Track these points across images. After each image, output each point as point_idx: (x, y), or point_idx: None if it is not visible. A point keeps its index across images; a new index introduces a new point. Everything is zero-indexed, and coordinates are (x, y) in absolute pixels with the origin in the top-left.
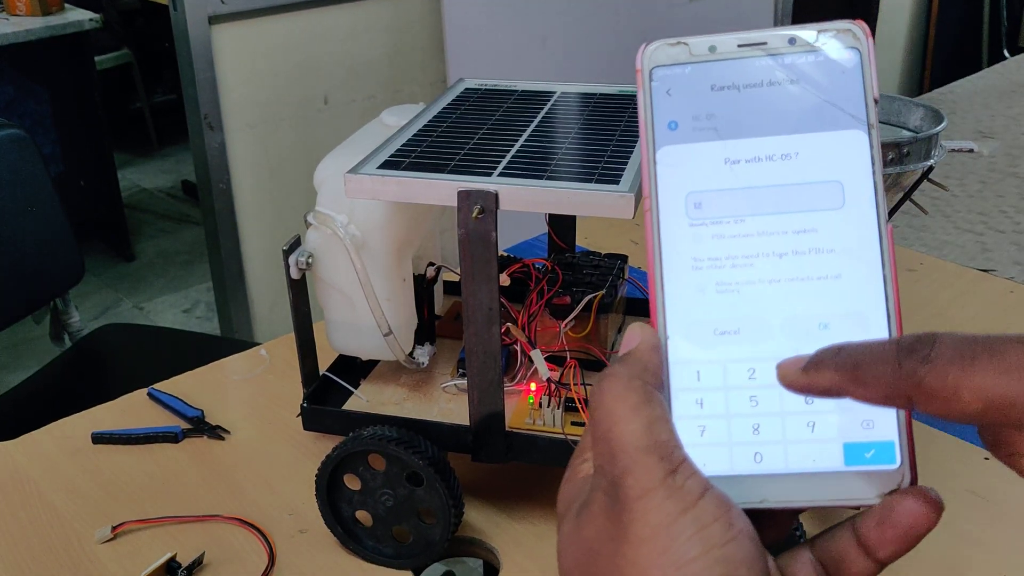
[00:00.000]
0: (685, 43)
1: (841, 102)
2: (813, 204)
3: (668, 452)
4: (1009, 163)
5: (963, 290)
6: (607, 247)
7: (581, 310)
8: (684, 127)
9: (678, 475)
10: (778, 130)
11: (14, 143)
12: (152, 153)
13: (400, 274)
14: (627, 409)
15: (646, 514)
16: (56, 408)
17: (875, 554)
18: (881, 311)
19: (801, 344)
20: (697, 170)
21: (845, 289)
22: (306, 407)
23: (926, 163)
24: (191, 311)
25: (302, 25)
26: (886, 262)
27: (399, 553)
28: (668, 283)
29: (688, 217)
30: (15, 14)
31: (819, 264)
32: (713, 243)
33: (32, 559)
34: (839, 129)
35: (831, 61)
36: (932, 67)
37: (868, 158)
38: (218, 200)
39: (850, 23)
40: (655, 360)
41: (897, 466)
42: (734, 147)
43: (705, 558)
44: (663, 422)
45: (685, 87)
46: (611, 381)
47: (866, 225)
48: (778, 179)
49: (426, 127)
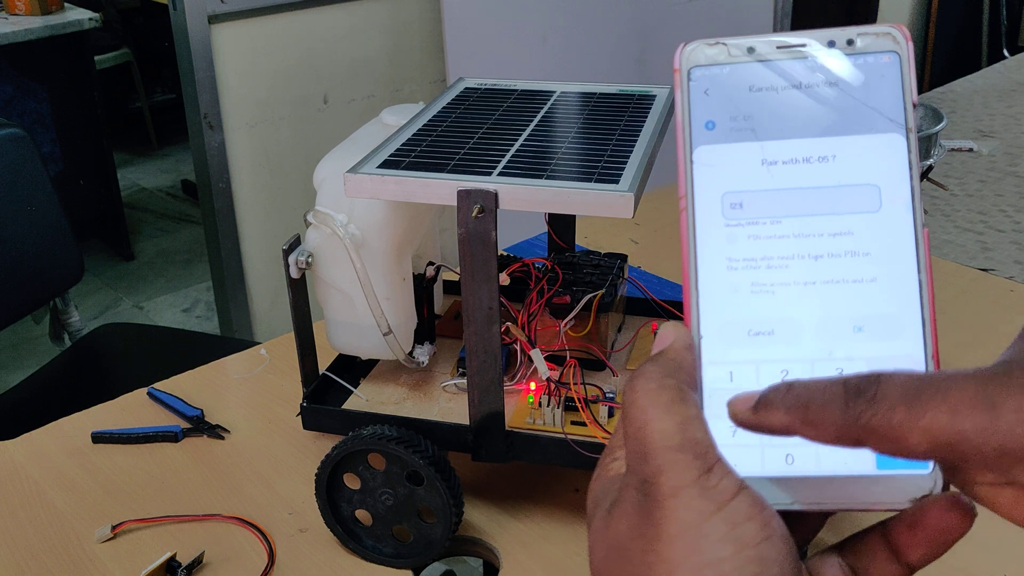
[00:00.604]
0: (724, 44)
1: (879, 105)
2: (850, 207)
3: (702, 451)
4: (1009, 162)
5: (963, 289)
6: (607, 246)
7: (581, 309)
8: (721, 127)
9: (712, 474)
10: (816, 132)
11: (13, 142)
12: (152, 152)
13: (400, 273)
14: (661, 408)
15: (678, 512)
16: (56, 408)
17: (905, 558)
18: (916, 315)
19: (835, 346)
20: (734, 170)
21: (880, 292)
22: (306, 406)
23: (926, 162)
24: (191, 310)
25: (302, 24)
26: (922, 266)
27: (399, 552)
28: (703, 283)
29: (724, 217)
30: (15, 13)
31: (854, 267)
32: (748, 244)
33: (32, 558)
34: (877, 132)
35: (870, 64)
36: (932, 66)
37: (906, 162)
38: (218, 199)
39: (890, 27)
40: (689, 359)
41: (929, 471)
42: (771, 148)
43: (737, 557)
44: (697, 421)
45: (723, 87)
46: (644, 380)
47: (902, 229)
48: (815, 181)
49: (426, 126)
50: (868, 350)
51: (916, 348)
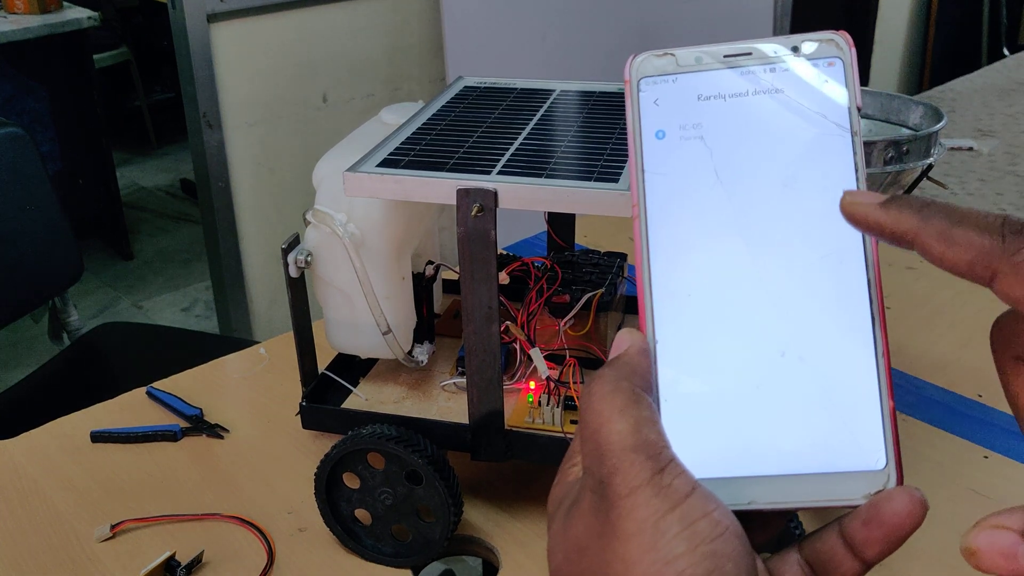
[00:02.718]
0: (672, 54)
1: (825, 110)
2: (798, 209)
3: (656, 452)
4: (1008, 161)
5: (963, 288)
6: (606, 245)
7: (580, 308)
8: (671, 136)
9: (665, 474)
10: (764, 139)
11: (12, 141)
12: (151, 151)
13: (399, 272)
14: (615, 410)
15: (634, 511)
16: (55, 407)
17: (862, 554)
18: (866, 314)
19: (787, 344)
20: (684, 179)
21: (829, 290)
22: (305, 405)
23: (925, 161)
24: (190, 310)
25: (301, 23)
26: (870, 263)
27: (398, 552)
28: (656, 288)
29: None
30: (13, 12)
31: (804, 266)
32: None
33: (31, 558)
34: (823, 136)
35: (814, 70)
36: (931, 65)
37: (852, 164)
38: (217, 198)
39: (833, 33)
40: (644, 363)
41: (883, 467)
42: (720, 156)
43: (692, 554)
44: (651, 423)
45: (672, 97)
46: (600, 383)
47: (850, 230)
48: (764, 187)
49: (425, 125)
50: (822, 345)
51: (865, 342)
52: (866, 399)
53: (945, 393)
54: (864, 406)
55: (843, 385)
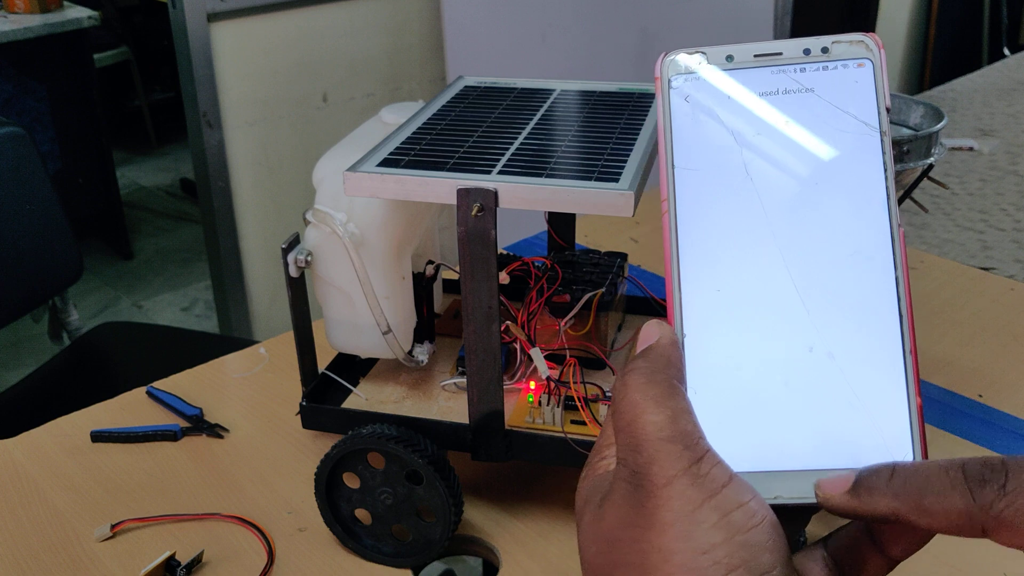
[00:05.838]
0: (703, 52)
1: (854, 110)
2: (827, 208)
3: (692, 442)
4: (1009, 161)
5: (964, 288)
6: (607, 245)
7: (581, 308)
8: (701, 133)
9: (703, 464)
10: (793, 137)
11: (12, 140)
12: (151, 151)
13: (399, 272)
14: (651, 401)
15: (671, 500)
16: (55, 406)
17: (888, 551)
18: (893, 311)
19: (815, 340)
20: (714, 175)
21: (857, 287)
22: (305, 405)
23: (926, 161)
24: (190, 309)
25: (301, 23)
26: (898, 264)
27: (398, 551)
28: (685, 283)
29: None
30: (14, 11)
31: (834, 264)
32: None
33: (31, 557)
34: (852, 136)
35: (844, 71)
36: (932, 65)
37: (881, 164)
38: (217, 198)
39: (863, 35)
40: (676, 355)
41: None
42: (750, 153)
43: (728, 544)
44: (686, 413)
45: (702, 95)
46: (635, 375)
47: (879, 229)
48: (794, 185)
49: (425, 125)
50: (850, 341)
51: (893, 337)
52: (894, 396)
53: (945, 393)
54: (891, 402)
55: (871, 382)
